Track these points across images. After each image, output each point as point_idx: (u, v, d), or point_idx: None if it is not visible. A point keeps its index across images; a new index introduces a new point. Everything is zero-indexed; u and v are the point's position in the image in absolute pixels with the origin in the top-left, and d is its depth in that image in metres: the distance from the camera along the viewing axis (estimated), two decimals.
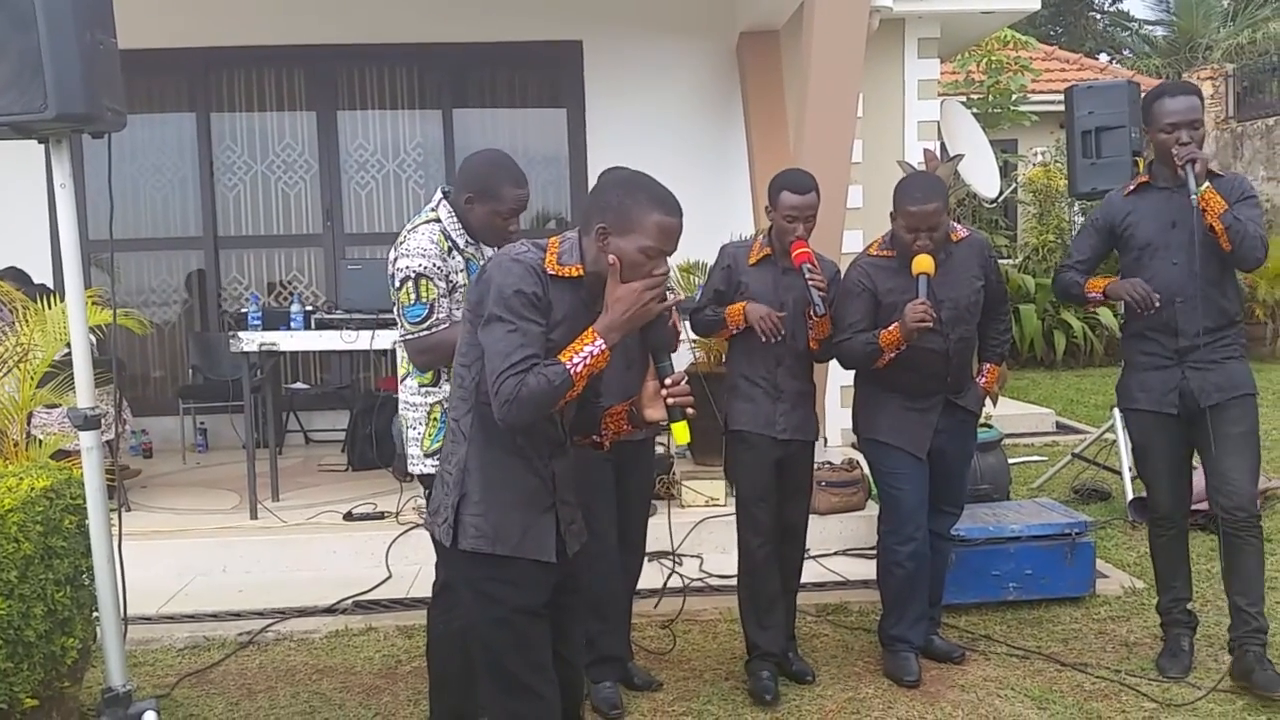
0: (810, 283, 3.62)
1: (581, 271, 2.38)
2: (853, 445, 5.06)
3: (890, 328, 3.63)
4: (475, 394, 2.37)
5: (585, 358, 2.28)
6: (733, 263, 3.85)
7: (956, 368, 3.81)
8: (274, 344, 5.54)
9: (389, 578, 4.97)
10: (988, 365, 4.00)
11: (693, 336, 5.20)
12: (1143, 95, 3.83)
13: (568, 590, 2.56)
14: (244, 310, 5.88)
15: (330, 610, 4.63)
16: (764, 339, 3.67)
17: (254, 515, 5.52)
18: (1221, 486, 3.62)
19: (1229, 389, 3.64)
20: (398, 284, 3.11)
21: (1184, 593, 3.88)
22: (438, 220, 3.19)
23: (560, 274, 2.35)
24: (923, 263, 3.59)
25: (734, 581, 3.93)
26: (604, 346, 2.30)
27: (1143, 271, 3.68)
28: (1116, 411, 6.10)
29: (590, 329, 2.31)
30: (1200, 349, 3.62)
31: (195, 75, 7.62)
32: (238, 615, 4.61)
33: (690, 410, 2.39)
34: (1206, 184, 3.51)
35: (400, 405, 3.32)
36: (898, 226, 3.68)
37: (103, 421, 3.12)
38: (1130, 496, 5.71)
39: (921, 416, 3.82)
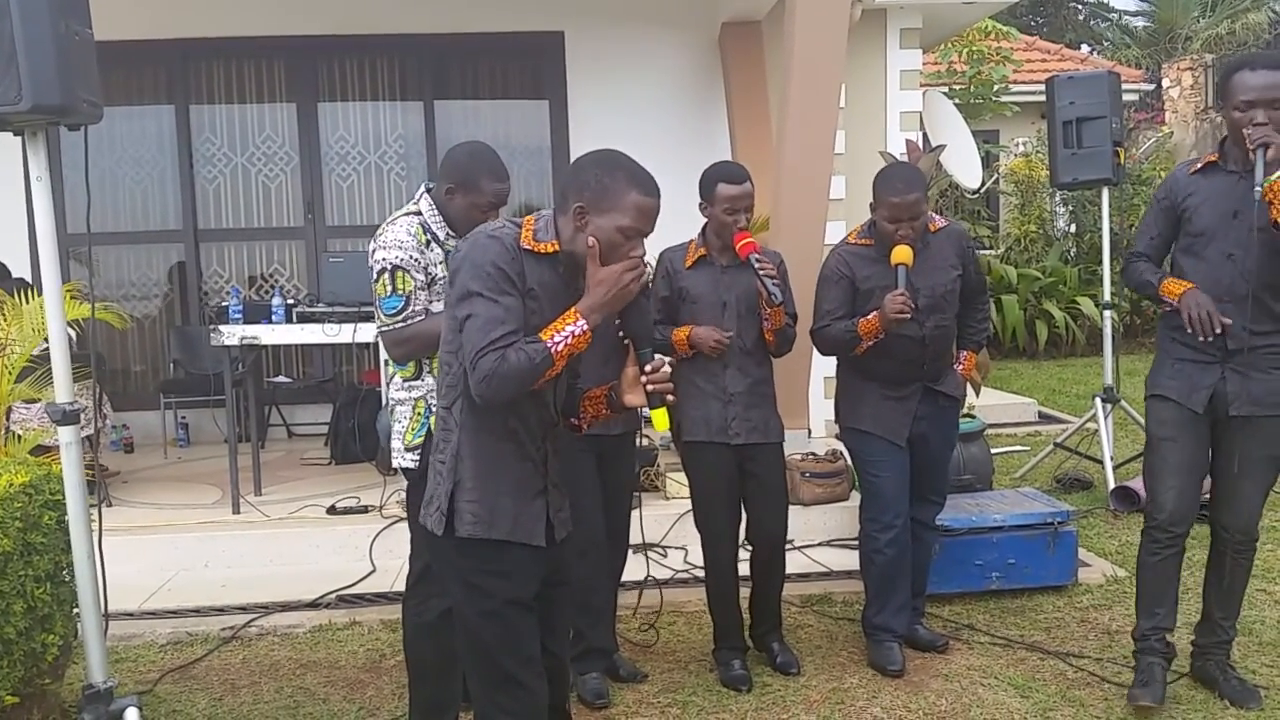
0: (761, 271, 3.53)
1: (556, 248, 2.36)
2: (836, 436, 5.07)
3: (869, 316, 3.63)
4: (463, 380, 2.36)
5: (567, 337, 2.28)
6: (670, 268, 3.80)
7: (933, 355, 3.82)
8: (255, 338, 5.51)
9: (373, 572, 4.96)
10: (965, 352, 4.00)
11: None
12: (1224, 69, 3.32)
13: (556, 583, 2.56)
14: (225, 304, 5.85)
15: (314, 605, 4.61)
16: (712, 353, 3.65)
17: (236, 510, 5.49)
18: (1232, 506, 3.43)
19: (1265, 405, 3.32)
20: (374, 276, 3.10)
21: (1167, 621, 3.51)
22: (418, 213, 3.18)
23: (535, 249, 2.35)
24: (901, 253, 3.59)
25: None
26: (585, 327, 2.29)
27: (1195, 260, 3.36)
28: (1098, 400, 6.14)
29: (573, 309, 2.31)
30: (1246, 352, 3.29)
31: (174, 67, 7.56)
32: (220, 610, 4.58)
33: (670, 397, 2.39)
34: (1278, 174, 3.09)
35: (386, 400, 3.31)
36: (879, 216, 3.67)
37: (82, 417, 3.10)
38: (1112, 485, 5.75)
39: (901, 404, 3.82)
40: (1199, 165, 3.42)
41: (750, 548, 3.89)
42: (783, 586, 3.99)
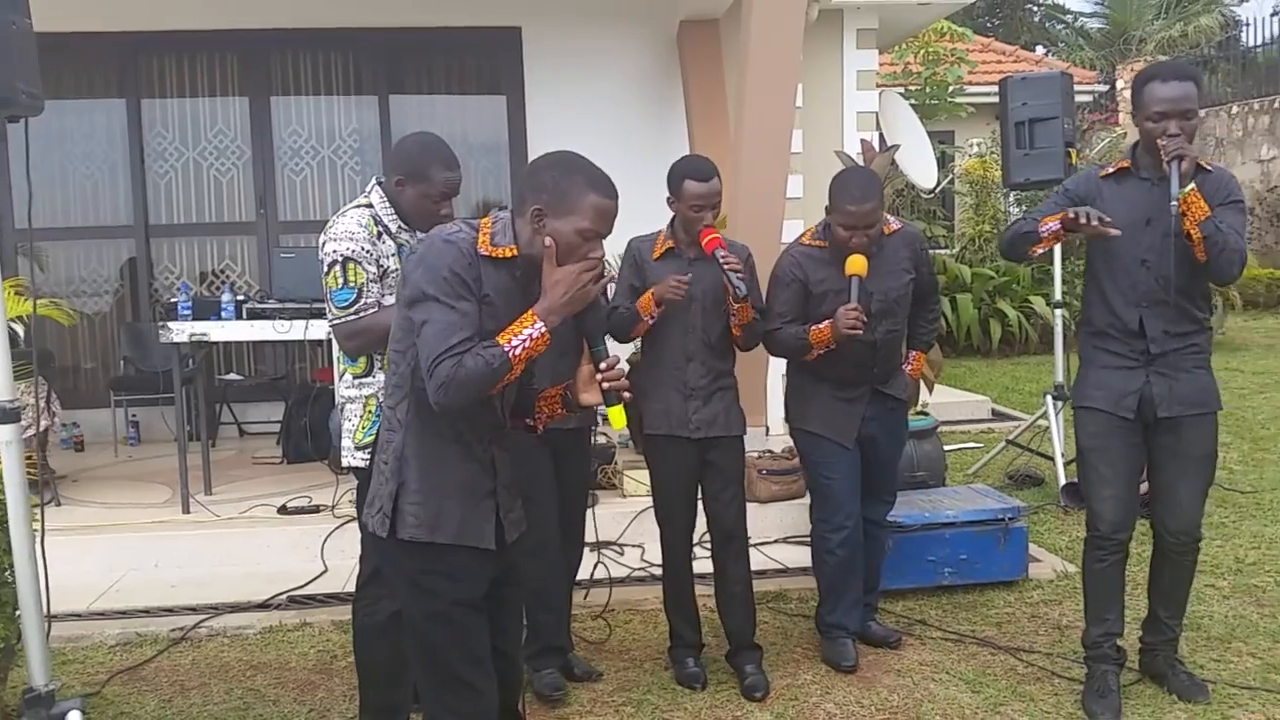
0: (726, 266, 3.51)
1: (515, 252, 2.34)
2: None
3: (821, 326, 3.63)
4: (411, 380, 2.34)
5: (525, 340, 2.26)
6: (637, 257, 3.79)
7: (884, 358, 3.84)
8: (205, 334, 5.44)
9: (324, 572, 4.91)
10: (914, 352, 4.03)
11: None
12: (1133, 78, 3.35)
13: (507, 584, 2.54)
14: (174, 300, 5.76)
15: (264, 605, 4.56)
16: (677, 297, 3.55)
17: (187, 509, 5.42)
18: (1173, 509, 3.43)
19: (1193, 404, 3.36)
20: (325, 268, 3.07)
21: (1116, 627, 3.52)
22: (369, 205, 3.15)
23: (493, 254, 2.32)
24: (855, 264, 3.57)
25: None
26: (544, 329, 2.27)
27: (1108, 266, 3.38)
28: (1049, 398, 6.21)
29: (530, 311, 2.29)
30: (1169, 354, 3.33)
31: (125, 60, 7.44)
32: (170, 611, 4.52)
33: (626, 394, 2.38)
34: (1191, 185, 3.14)
35: (337, 398, 3.27)
36: (834, 221, 3.66)
37: (24, 415, 3.04)
38: (1063, 482, 5.82)
39: (850, 406, 3.84)
40: (1111, 170, 3.45)
41: (709, 545, 3.85)
42: (753, 594, 3.85)
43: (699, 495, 3.81)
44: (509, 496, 2.51)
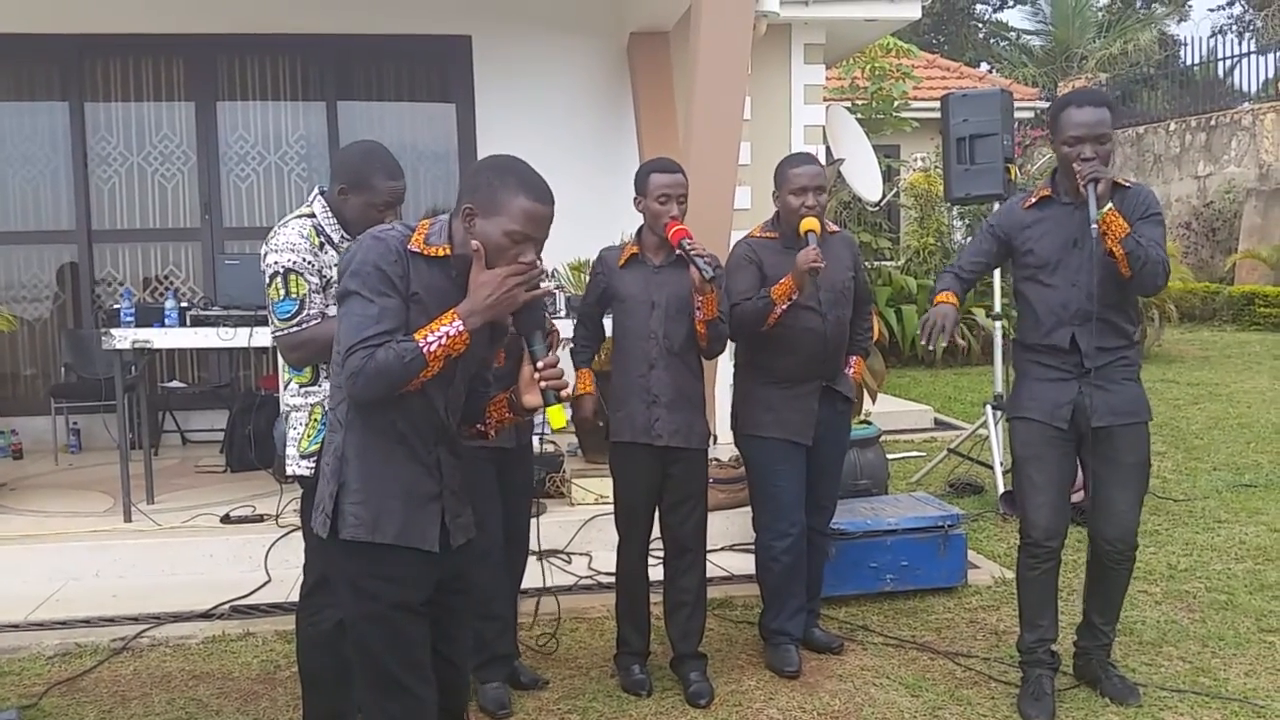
0: (693, 252, 3.50)
1: (448, 251, 2.35)
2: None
3: (781, 280, 3.71)
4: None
5: (441, 337, 2.25)
6: (603, 268, 3.82)
7: (833, 351, 3.91)
8: (147, 341, 5.37)
9: (268, 582, 4.87)
10: (853, 357, 4.11)
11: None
12: (1050, 102, 3.64)
13: (453, 590, 2.53)
14: (117, 306, 5.69)
15: (207, 615, 4.52)
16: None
17: (128, 518, 5.35)
18: (1108, 517, 3.52)
19: (1124, 414, 3.47)
20: (268, 280, 3.05)
21: (1050, 632, 3.62)
22: (311, 215, 3.13)
23: (425, 252, 2.33)
24: (810, 223, 3.70)
25: None
26: (462, 328, 2.26)
27: (1040, 287, 3.50)
28: (989, 408, 6.33)
29: (451, 310, 2.29)
30: (1101, 368, 3.44)
31: (68, 62, 7.34)
32: (111, 621, 4.46)
33: (565, 393, 2.38)
34: (1109, 206, 3.27)
35: (282, 406, 3.25)
36: (784, 193, 3.79)
37: None
38: (1001, 490, 5.93)
39: (803, 403, 3.89)
40: (1033, 200, 3.56)
41: (663, 554, 3.86)
42: (704, 605, 3.86)
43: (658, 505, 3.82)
44: (456, 501, 2.51)
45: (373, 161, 3.11)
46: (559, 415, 2.37)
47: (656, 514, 3.84)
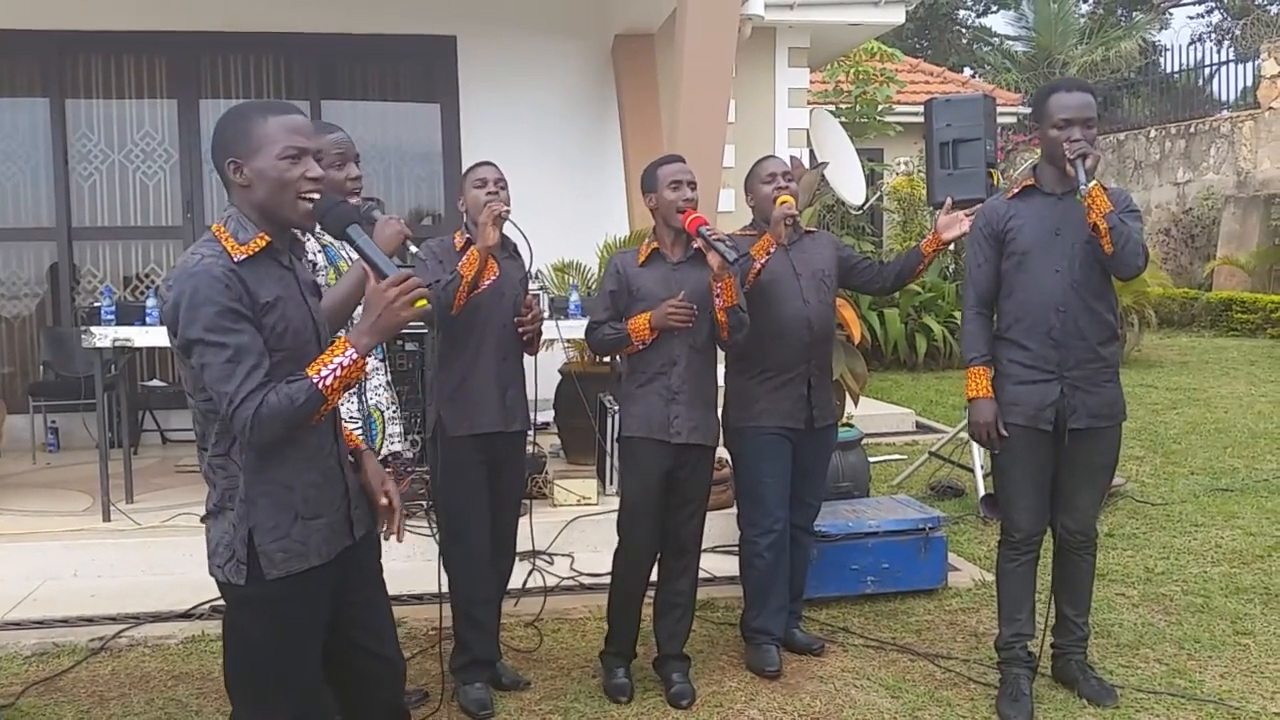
0: (713, 237, 3.50)
1: (266, 239, 2.24)
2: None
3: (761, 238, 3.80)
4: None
5: (335, 369, 2.17)
6: (621, 268, 3.76)
7: (820, 338, 3.93)
8: (128, 340, 5.35)
9: None
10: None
11: (567, 338, 5.23)
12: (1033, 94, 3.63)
13: (366, 584, 2.50)
14: (97, 304, 5.66)
15: (186, 615, 4.50)
16: (683, 325, 3.59)
17: (107, 517, 5.32)
18: (1071, 511, 3.63)
19: (1102, 416, 3.53)
20: None
21: (1028, 628, 3.68)
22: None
23: (249, 253, 2.21)
24: (784, 198, 3.82)
25: (605, 580, 3.92)
26: (355, 356, 2.19)
27: (1024, 274, 3.53)
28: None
29: (341, 339, 2.21)
30: (1082, 365, 3.49)
31: (49, 59, 7.31)
32: (90, 620, 4.44)
33: (420, 290, 2.22)
34: (1096, 181, 3.36)
35: None
36: (755, 187, 3.93)
37: None
38: (982, 493, 5.97)
39: (793, 388, 3.91)
40: (1016, 191, 3.63)
41: (659, 554, 3.82)
42: (693, 608, 3.87)
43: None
44: (357, 494, 2.46)
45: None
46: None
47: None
